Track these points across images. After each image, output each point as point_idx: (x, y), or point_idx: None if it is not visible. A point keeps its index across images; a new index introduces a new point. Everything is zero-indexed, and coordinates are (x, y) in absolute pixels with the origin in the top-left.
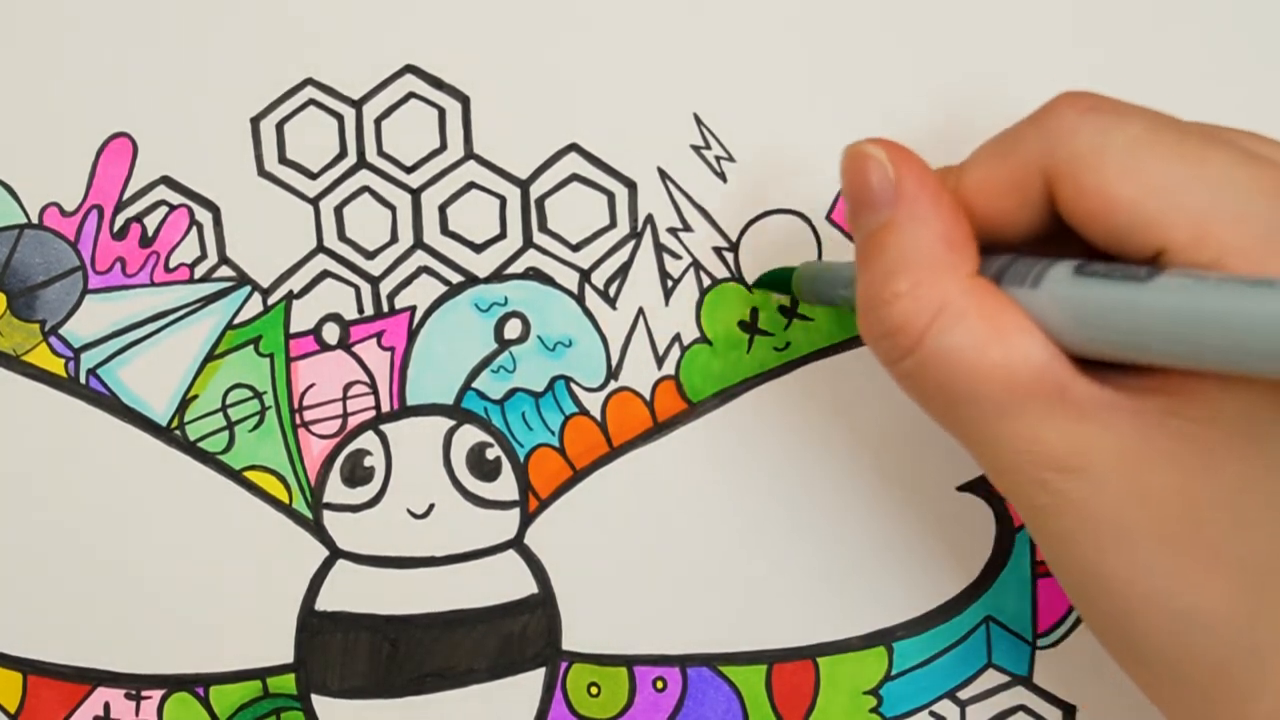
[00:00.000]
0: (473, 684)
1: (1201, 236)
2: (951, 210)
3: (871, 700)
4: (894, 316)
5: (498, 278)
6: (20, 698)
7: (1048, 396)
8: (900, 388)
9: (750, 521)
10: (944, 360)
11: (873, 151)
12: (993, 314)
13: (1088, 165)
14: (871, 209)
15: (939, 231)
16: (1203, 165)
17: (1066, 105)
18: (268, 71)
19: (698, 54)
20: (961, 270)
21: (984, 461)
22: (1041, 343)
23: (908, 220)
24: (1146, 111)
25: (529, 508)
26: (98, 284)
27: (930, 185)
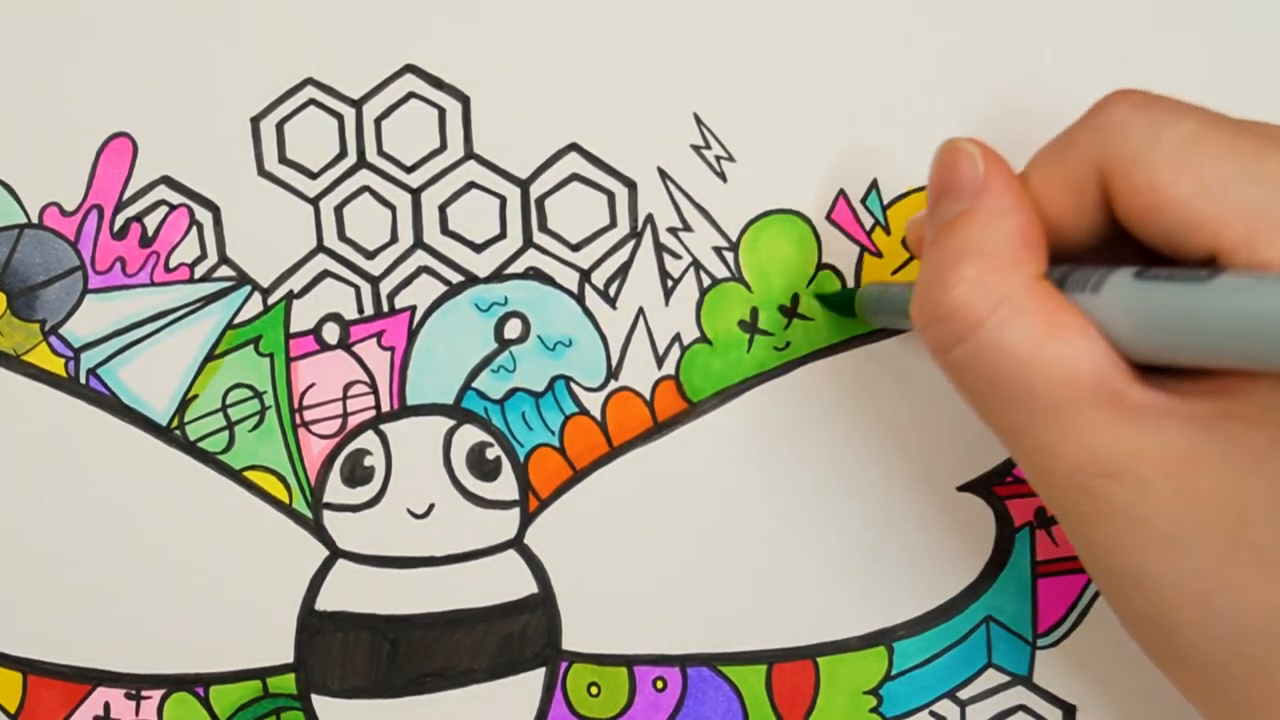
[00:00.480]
0: (473, 684)
1: (1256, 235)
2: (1030, 212)
3: (871, 700)
4: (954, 299)
5: (498, 278)
6: (20, 698)
7: (1102, 400)
8: (948, 378)
9: (750, 521)
10: (999, 352)
11: (968, 147)
12: (1054, 313)
13: (1140, 162)
14: (954, 197)
15: (1016, 226)
16: (1257, 162)
17: (1118, 102)
18: (268, 71)
19: (698, 54)
20: (1030, 269)
21: (1027, 463)
22: (1101, 347)
23: (987, 210)
24: (1199, 109)
25: (529, 508)
26: (98, 284)
27: (1015, 186)
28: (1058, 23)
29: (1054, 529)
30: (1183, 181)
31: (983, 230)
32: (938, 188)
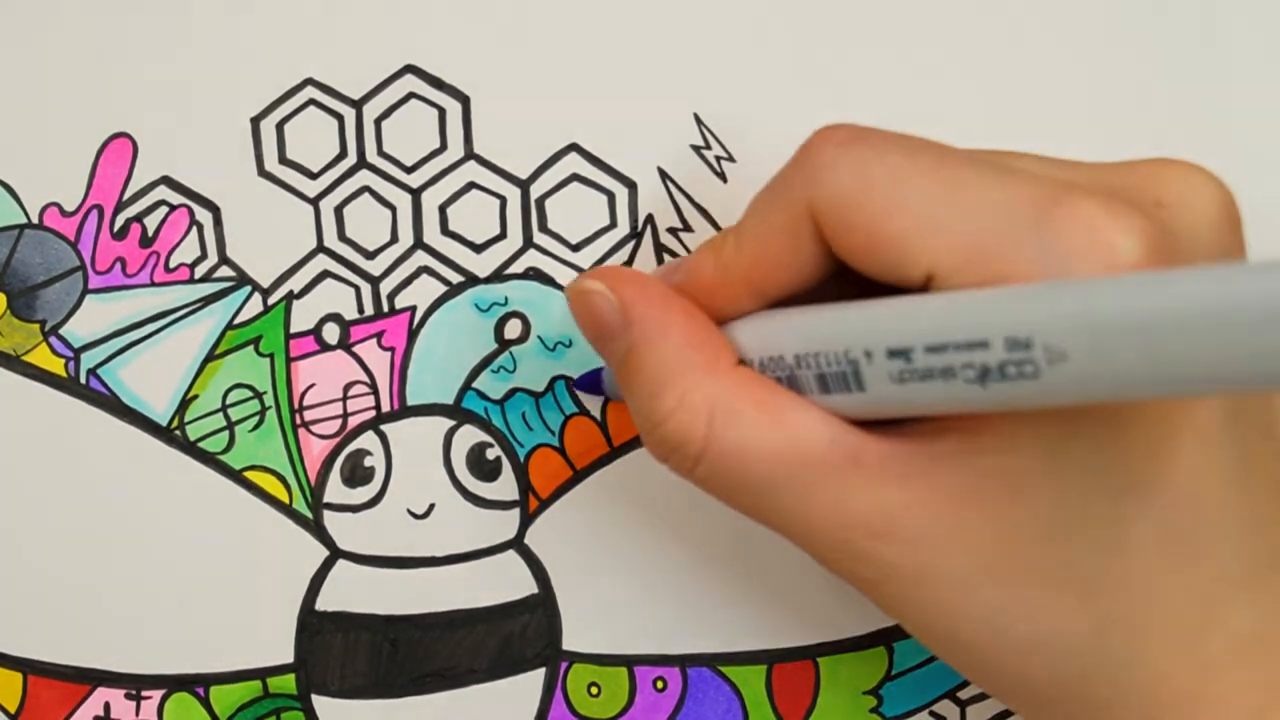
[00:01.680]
0: (473, 684)
1: (970, 265)
2: (684, 314)
3: (872, 700)
4: (672, 434)
5: (498, 278)
6: (20, 698)
7: (840, 466)
8: (705, 491)
9: (750, 521)
10: (732, 458)
11: (592, 285)
12: (764, 400)
13: (849, 202)
14: (609, 338)
15: (681, 338)
16: (962, 190)
17: (822, 141)
18: (268, 71)
19: (698, 54)
20: (719, 366)
21: (801, 544)
22: (820, 415)
23: (646, 339)
24: (904, 138)
25: (529, 508)
26: (98, 284)
27: (655, 297)
28: (1060, 26)
29: None
30: (893, 219)
31: (654, 357)
32: (590, 335)
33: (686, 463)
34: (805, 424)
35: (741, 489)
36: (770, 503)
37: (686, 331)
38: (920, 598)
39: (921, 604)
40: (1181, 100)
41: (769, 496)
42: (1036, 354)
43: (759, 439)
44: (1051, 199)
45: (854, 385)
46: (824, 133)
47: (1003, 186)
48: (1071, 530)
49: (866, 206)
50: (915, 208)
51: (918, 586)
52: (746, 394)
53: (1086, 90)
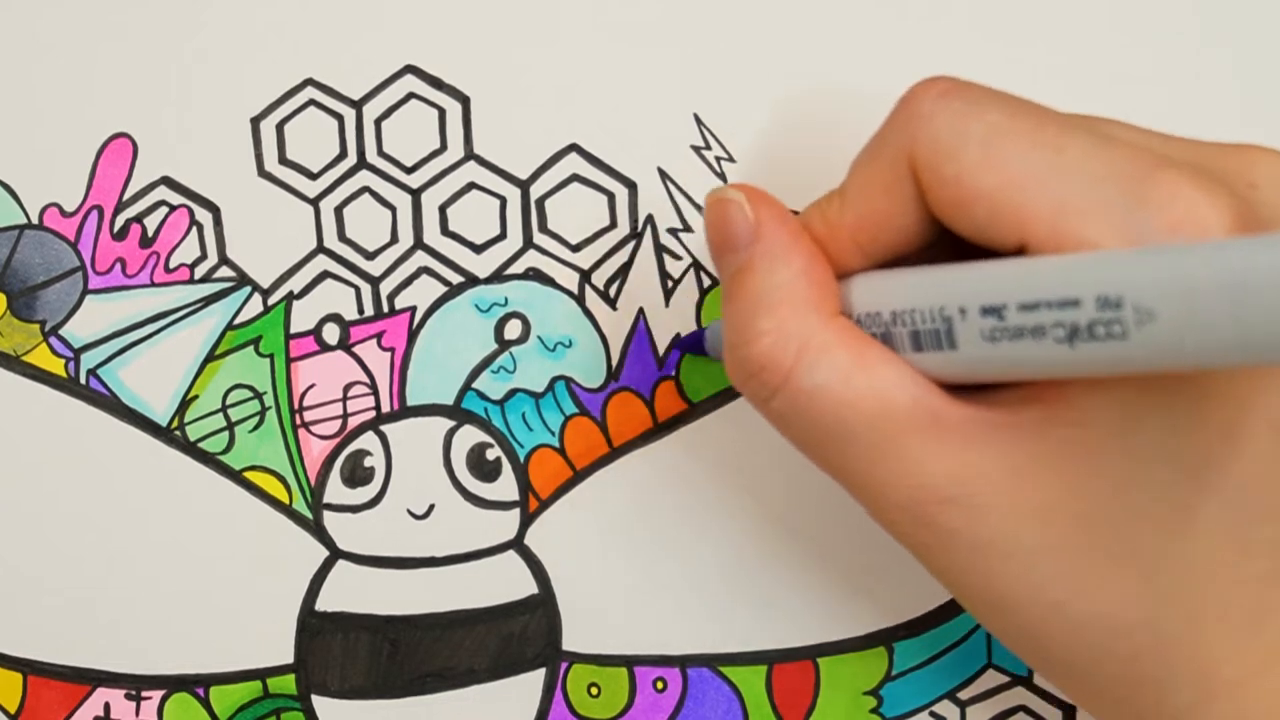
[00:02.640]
0: (473, 684)
1: (1059, 230)
2: (810, 249)
3: (872, 700)
4: (759, 355)
5: (498, 278)
6: (20, 698)
7: (921, 425)
8: (776, 428)
9: (750, 522)
10: (813, 396)
11: (733, 195)
12: (857, 347)
13: (946, 155)
14: (733, 250)
15: (798, 270)
16: (1059, 154)
17: (922, 93)
18: (268, 71)
19: (698, 54)
20: (824, 308)
21: (864, 500)
22: (909, 373)
23: (768, 259)
24: (1005, 97)
25: (529, 508)
26: (98, 284)
27: (788, 225)
28: (1056, 27)
29: None
30: (987, 176)
31: (768, 279)
32: (715, 242)
33: (764, 391)
34: (892, 377)
35: (815, 432)
36: (841, 452)
37: (806, 265)
38: (980, 567)
39: (980, 573)
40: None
41: (842, 445)
42: (1126, 314)
43: (844, 384)
44: (1148, 170)
45: (946, 343)
46: (923, 84)
47: (1100, 153)
48: (1140, 509)
49: (962, 160)
50: (1011, 166)
51: (978, 555)
52: (842, 337)
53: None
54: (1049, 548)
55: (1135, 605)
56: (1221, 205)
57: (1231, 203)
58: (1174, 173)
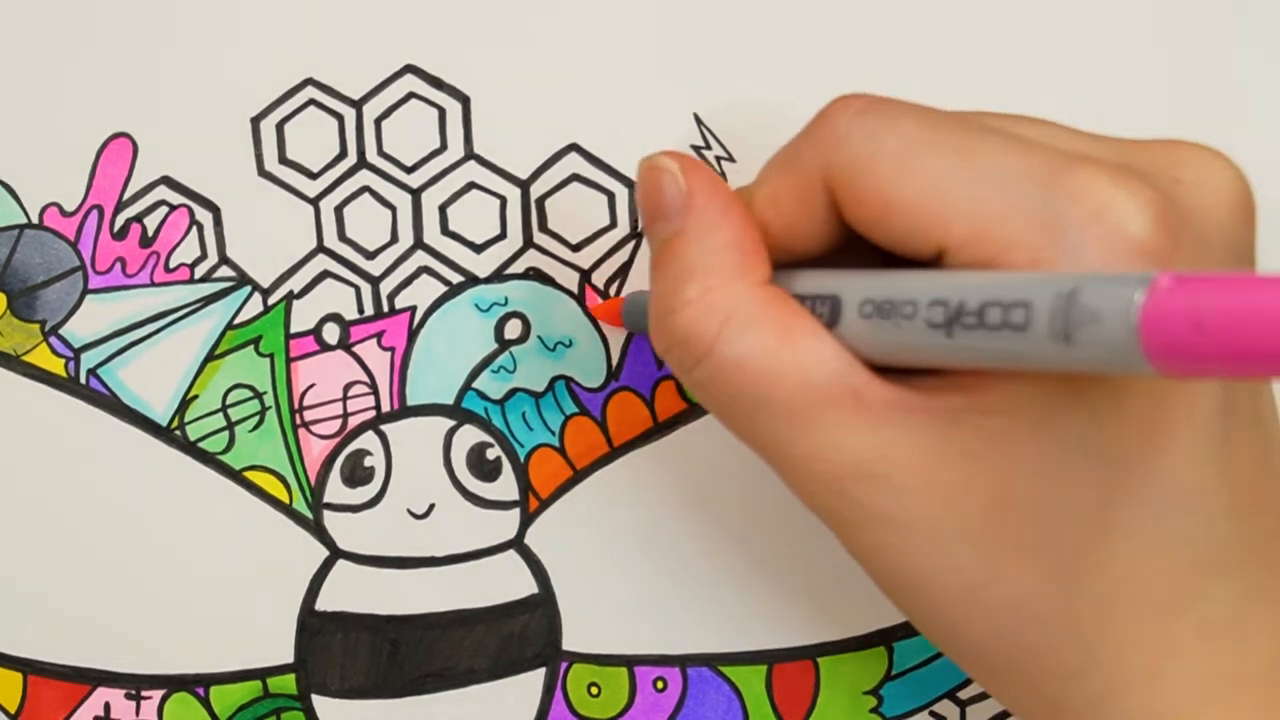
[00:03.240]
0: (473, 684)
1: (979, 233)
2: (741, 219)
3: (872, 700)
4: (683, 324)
5: (498, 278)
6: (20, 698)
7: (842, 402)
8: (696, 399)
9: (750, 521)
10: (735, 367)
11: (666, 163)
12: (783, 319)
13: (861, 171)
14: (664, 218)
15: (728, 239)
16: (973, 159)
17: (838, 110)
18: (268, 71)
19: (698, 54)
20: (751, 278)
21: (783, 474)
22: (833, 348)
23: (697, 228)
24: (919, 109)
25: (529, 508)
26: (98, 284)
27: (720, 195)
28: (1059, 33)
29: None
30: (904, 188)
31: (697, 247)
32: (646, 210)
33: (687, 360)
34: (815, 350)
35: (737, 403)
36: (762, 424)
37: (736, 235)
38: (895, 545)
39: (895, 552)
40: (1191, 101)
41: (763, 417)
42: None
43: (765, 354)
44: (1063, 168)
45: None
46: (840, 102)
47: (1015, 155)
48: (1057, 500)
49: (879, 175)
50: (927, 176)
51: (895, 534)
52: (768, 309)
53: (1091, 86)
54: (965, 532)
55: (1049, 594)
56: (1142, 199)
57: (1153, 196)
58: (1091, 168)
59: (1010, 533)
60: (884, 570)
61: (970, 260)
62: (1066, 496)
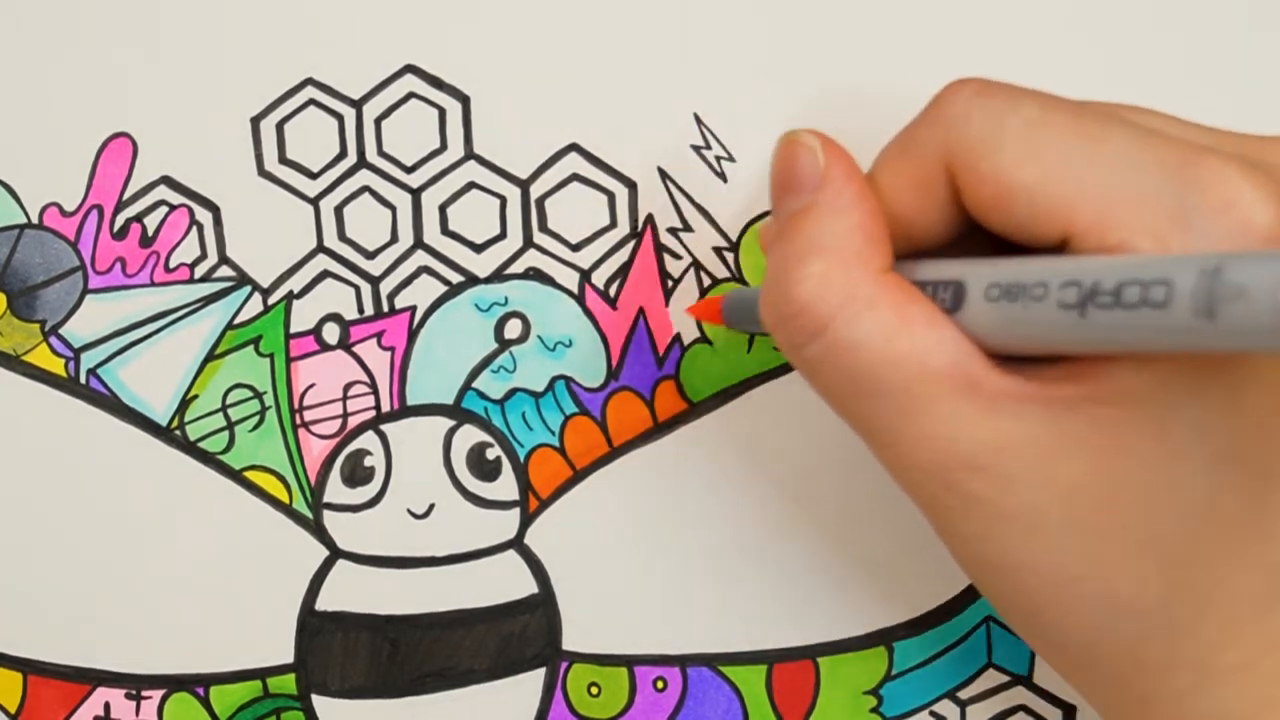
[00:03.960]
0: (473, 684)
1: (1106, 218)
2: (873, 206)
3: (872, 700)
4: (802, 297)
5: (498, 278)
6: (20, 698)
7: (959, 390)
8: (802, 375)
9: (750, 521)
10: (851, 348)
11: (807, 139)
12: (902, 305)
13: (984, 152)
14: (796, 192)
15: (858, 221)
16: (1101, 144)
17: (956, 92)
18: (268, 71)
19: (698, 54)
20: (875, 264)
21: (887, 458)
22: (952, 335)
23: (829, 206)
24: (1037, 93)
25: (529, 508)
26: (98, 284)
27: (857, 180)
28: (1060, 23)
29: None
30: (1028, 169)
31: (826, 225)
32: (779, 182)
33: (800, 336)
34: (934, 339)
35: (848, 385)
36: (872, 409)
37: (865, 220)
38: (998, 537)
39: (998, 543)
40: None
41: (874, 402)
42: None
43: (885, 342)
44: (1192, 159)
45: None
46: (957, 85)
47: (1142, 142)
48: (1170, 494)
49: (1001, 155)
50: (1052, 158)
51: (1000, 526)
52: (888, 294)
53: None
54: (1072, 524)
55: (1150, 590)
56: (1267, 191)
57: (1276, 190)
58: (1219, 160)
59: (1118, 526)
60: (981, 560)
61: (1096, 247)
62: (1178, 489)
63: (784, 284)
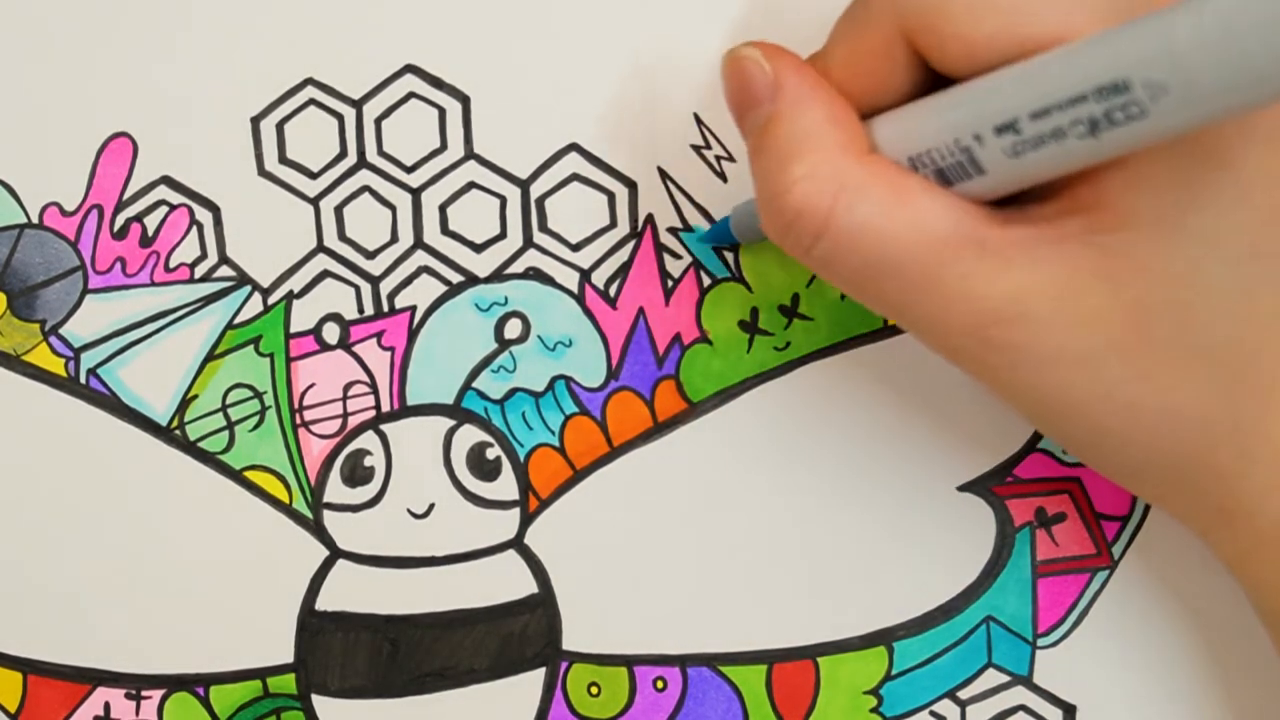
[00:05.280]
0: (473, 684)
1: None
2: (832, 94)
3: (872, 700)
4: (796, 201)
5: (498, 277)
6: (20, 698)
7: (967, 251)
8: (823, 278)
9: (750, 521)
10: (856, 236)
11: (749, 52)
12: (895, 181)
13: (939, 14)
14: (755, 105)
15: (824, 114)
16: None
17: None
18: (268, 71)
19: (698, 54)
20: (854, 147)
21: (923, 333)
22: (948, 200)
23: (792, 108)
24: None
25: (529, 508)
26: (98, 284)
27: (808, 73)
28: None
29: (1054, 529)
30: (987, 21)
31: (796, 127)
32: (736, 103)
33: (805, 238)
34: (932, 207)
35: (863, 271)
36: (893, 288)
37: (830, 109)
38: (1051, 380)
39: (1050, 386)
40: None
41: (892, 281)
42: (1138, 94)
43: (885, 218)
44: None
45: (974, 171)
46: None
47: None
48: (1199, 300)
49: (957, 15)
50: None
51: (1049, 369)
52: (877, 174)
53: None
54: (1114, 350)
55: (1207, 396)
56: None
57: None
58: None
59: (1159, 341)
60: (1042, 407)
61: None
62: (1205, 294)
63: (776, 194)
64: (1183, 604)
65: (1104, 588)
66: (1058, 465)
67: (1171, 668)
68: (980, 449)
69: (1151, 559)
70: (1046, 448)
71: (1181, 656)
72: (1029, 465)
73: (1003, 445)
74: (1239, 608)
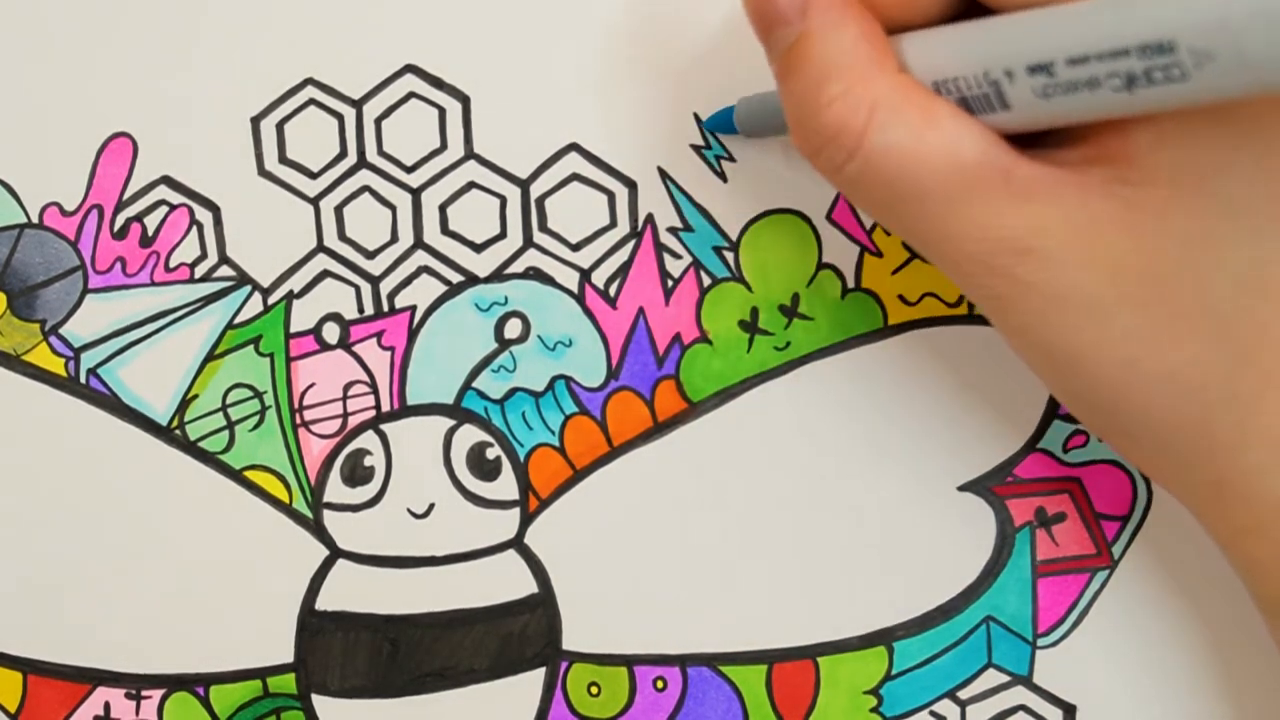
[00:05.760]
0: (473, 684)
1: None
2: (862, 12)
3: (872, 700)
4: (832, 120)
5: (498, 277)
6: (20, 698)
7: (992, 180)
8: (847, 197)
9: (750, 521)
10: (887, 156)
11: None
12: (926, 105)
13: None
14: (783, 24)
15: (857, 33)
16: None
17: None
18: (268, 71)
19: (697, 54)
20: (888, 68)
21: (938, 258)
22: (978, 128)
23: (825, 27)
24: None
25: (529, 507)
26: (98, 284)
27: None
28: None
29: (1054, 529)
30: None
31: (830, 46)
32: (761, 19)
33: (839, 156)
34: (962, 133)
35: (889, 192)
36: (916, 211)
37: (862, 29)
38: (1053, 320)
39: (1054, 327)
40: None
41: (916, 204)
42: (1182, 56)
43: (916, 141)
44: None
45: (999, 105)
46: None
47: None
48: (1213, 266)
49: None
50: None
51: (1053, 308)
52: (910, 96)
53: None
54: (1123, 302)
55: (1208, 364)
56: None
57: None
58: None
59: (1168, 300)
60: (1042, 348)
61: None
62: (1221, 261)
63: (811, 113)
64: (1183, 604)
65: (1104, 588)
66: (1058, 465)
67: (1171, 667)
68: (980, 449)
69: (1151, 559)
70: (1047, 448)
71: (1181, 656)
72: (1029, 465)
73: (1003, 445)
74: (1239, 607)
